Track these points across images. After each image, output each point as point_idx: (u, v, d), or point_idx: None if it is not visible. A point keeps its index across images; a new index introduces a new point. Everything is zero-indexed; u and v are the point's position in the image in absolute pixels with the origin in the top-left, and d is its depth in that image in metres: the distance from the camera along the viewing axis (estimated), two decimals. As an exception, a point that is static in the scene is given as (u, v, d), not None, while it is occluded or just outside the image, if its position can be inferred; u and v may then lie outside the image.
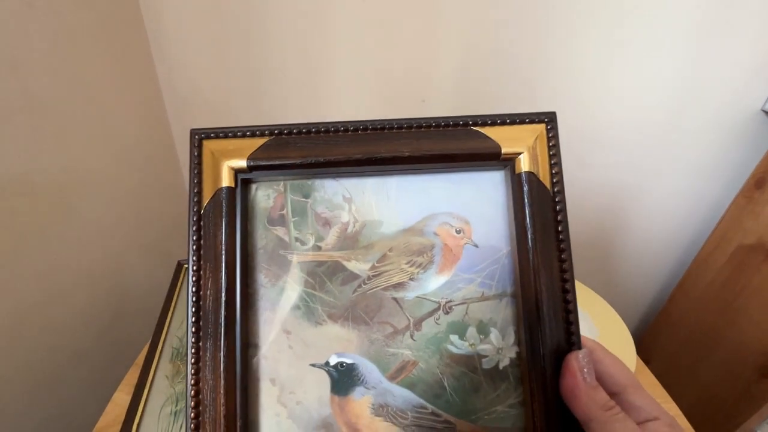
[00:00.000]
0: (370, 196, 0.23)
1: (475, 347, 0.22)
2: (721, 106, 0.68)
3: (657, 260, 0.88)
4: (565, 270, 0.22)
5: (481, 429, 0.22)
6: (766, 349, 0.68)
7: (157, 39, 0.64)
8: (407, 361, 0.22)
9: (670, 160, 0.74)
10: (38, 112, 0.49)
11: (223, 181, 0.22)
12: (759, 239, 0.70)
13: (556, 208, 0.23)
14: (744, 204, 0.72)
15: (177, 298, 0.59)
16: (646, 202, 0.80)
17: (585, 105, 0.68)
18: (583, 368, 0.20)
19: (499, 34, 0.61)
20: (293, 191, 0.23)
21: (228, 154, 0.22)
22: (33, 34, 0.48)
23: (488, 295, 0.23)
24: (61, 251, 0.54)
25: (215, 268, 0.22)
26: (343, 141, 0.23)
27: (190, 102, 0.70)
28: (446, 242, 0.23)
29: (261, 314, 0.22)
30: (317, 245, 0.23)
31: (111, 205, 0.62)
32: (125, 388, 0.49)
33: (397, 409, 0.22)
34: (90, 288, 0.60)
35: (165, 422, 0.43)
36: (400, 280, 0.23)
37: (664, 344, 0.90)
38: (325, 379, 0.22)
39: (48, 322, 0.54)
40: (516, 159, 0.23)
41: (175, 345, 0.52)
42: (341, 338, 0.22)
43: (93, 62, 0.56)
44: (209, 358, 0.21)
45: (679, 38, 0.63)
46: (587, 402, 0.19)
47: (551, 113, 0.24)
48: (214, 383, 0.21)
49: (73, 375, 0.58)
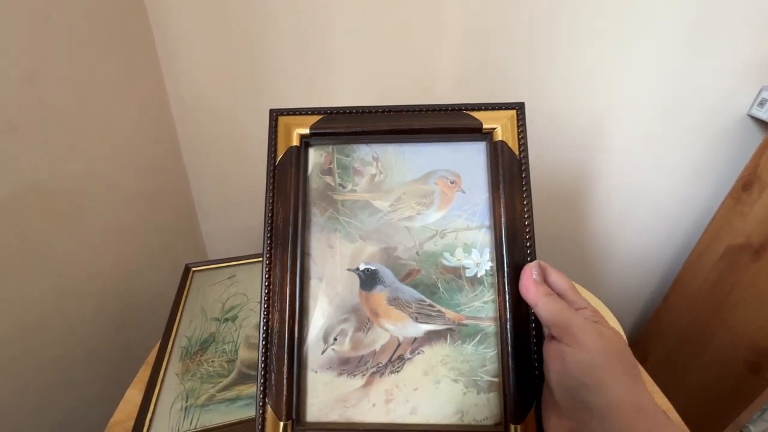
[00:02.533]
0: (391, 156, 0.34)
1: (461, 261, 0.32)
2: (708, 111, 0.71)
3: (651, 261, 0.90)
4: (526, 211, 0.31)
5: (463, 316, 0.31)
6: (756, 345, 0.70)
7: (165, 51, 0.67)
8: (413, 269, 0.32)
9: (660, 165, 0.78)
10: (53, 122, 0.51)
11: (293, 142, 0.33)
12: (747, 239, 0.72)
13: (521, 167, 0.32)
14: (732, 205, 0.75)
15: (185, 299, 0.60)
16: (639, 206, 0.83)
17: (578, 112, 0.73)
18: (533, 270, 0.29)
19: (498, 36, 0.66)
20: (338, 152, 0.34)
21: (296, 124, 0.33)
22: (49, 48, 0.49)
23: (471, 227, 0.32)
24: (73, 255, 0.56)
25: (285, 200, 0.32)
26: (374, 118, 0.33)
27: (196, 110, 0.73)
28: (443, 190, 0.33)
29: (313, 234, 0.33)
30: (353, 189, 0.33)
31: (121, 210, 0.64)
32: (137, 386, 0.51)
33: (405, 301, 0.31)
34: (101, 290, 0.61)
35: (176, 418, 0.45)
36: (410, 214, 0.33)
37: (658, 344, 0.91)
38: (355, 279, 0.32)
39: (61, 323, 0.55)
40: (493, 132, 0.32)
41: (184, 344, 0.54)
42: (368, 252, 0.32)
43: (104, 73, 0.58)
44: (278, 260, 0.32)
45: (667, 46, 0.66)
46: (535, 292, 0.28)
47: (521, 103, 0.33)
48: (281, 277, 0.31)
49: (86, 374, 0.60)
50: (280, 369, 0.30)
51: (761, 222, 0.70)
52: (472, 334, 0.31)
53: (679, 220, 0.84)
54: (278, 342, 0.30)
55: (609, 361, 0.24)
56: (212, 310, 0.59)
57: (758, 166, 0.70)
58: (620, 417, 0.23)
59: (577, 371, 0.24)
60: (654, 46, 0.66)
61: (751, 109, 0.71)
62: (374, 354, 0.31)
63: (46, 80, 0.49)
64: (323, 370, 0.31)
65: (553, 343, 0.27)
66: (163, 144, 0.74)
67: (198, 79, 0.70)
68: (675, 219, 0.84)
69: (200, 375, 0.50)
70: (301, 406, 0.30)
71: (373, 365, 0.31)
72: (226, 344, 0.54)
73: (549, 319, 0.27)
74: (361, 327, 0.31)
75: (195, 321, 0.57)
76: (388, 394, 0.30)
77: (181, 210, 0.82)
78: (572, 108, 0.73)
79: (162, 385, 0.49)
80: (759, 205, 0.70)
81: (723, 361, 0.76)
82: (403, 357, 0.31)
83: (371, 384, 0.31)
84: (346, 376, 0.31)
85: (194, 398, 0.47)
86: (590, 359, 0.24)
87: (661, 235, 0.87)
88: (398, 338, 0.31)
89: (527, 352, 0.29)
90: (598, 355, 0.24)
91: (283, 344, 0.30)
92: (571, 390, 0.25)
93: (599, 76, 0.69)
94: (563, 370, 0.25)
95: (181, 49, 0.67)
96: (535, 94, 0.70)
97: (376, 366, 0.31)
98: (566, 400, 0.25)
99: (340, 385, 0.31)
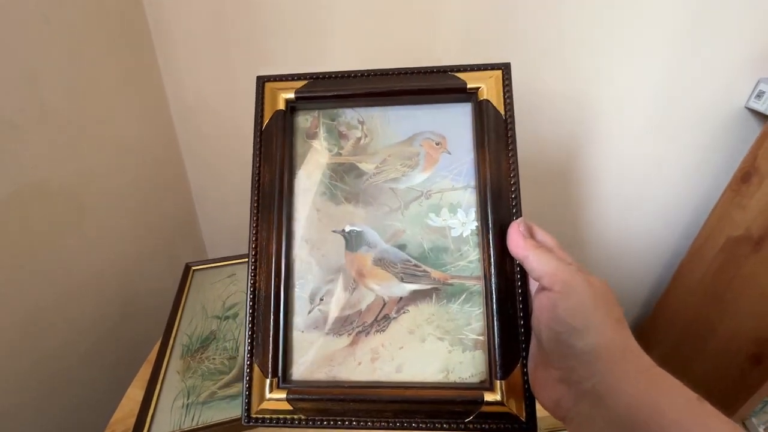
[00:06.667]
0: (376, 120, 0.34)
1: (446, 222, 0.32)
2: (707, 104, 0.72)
3: (651, 255, 0.90)
4: (512, 170, 0.31)
5: (449, 276, 0.31)
6: (758, 337, 0.70)
7: (164, 50, 0.68)
8: (398, 229, 0.32)
9: (661, 159, 0.77)
10: (54, 122, 0.51)
11: (279, 106, 0.33)
12: (746, 230, 0.72)
13: (506, 127, 0.32)
14: (732, 197, 0.75)
15: (186, 298, 0.61)
16: (639, 200, 0.83)
17: (576, 107, 0.72)
18: (520, 225, 0.29)
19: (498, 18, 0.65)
20: (324, 116, 0.34)
21: (282, 90, 0.34)
22: (50, 49, 0.49)
23: (456, 187, 0.32)
24: (73, 254, 0.56)
25: (271, 164, 0.33)
26: (357, 81, 0.33)
27: (195, 111, 0.74)
28: (428, 151, 0.33)
29: (299, 196, 0.33)
30: (339, 152, 0.34)
31: (121, 209, 0.64)
32: (139, 384, 0.51)
33: (390, 261, 0.31)
34: (101, 289, 0.61)
35: (177, 414, 0.45)
36: (395, 175, 0.33)
37: (661, 337, 0.91)
38: (341, 240, 0.32)
39: (61, 323, 0.55)
40: (478, 91, 0.32)
41: (185, 342, 0.54)
42: (353, 214, 0.32)
43: (103, 73, 0.58)
44: (265, 222, 0.32)
45: (666, 40, 0.66)
46: (524, 245, 0.28)
47: (506, 63, 0.33)
48: (268, 238, 0.32)
49: (87, 373, 0.60)
50: (267, 328, 0.30)
51: (760, 213, 0.70)
52: (458, 293, 0.31)
53: (679, 212, 0.84)
54: (265, 302, 0.31)
55: (597, 306, 0.25)
56: (213, 308, 0.60)
57: (756, 158, 0.70)
58: (607, 359, 0.24)
59: (568, 317, 0.25)
60: (653, 41, 0.66)
61: (749, 102, 0.71)
62: (360, 314, 0.31)
63: (46, 80, 0.49)
64: (309, 329, 0.31)
65: (543, 293, 0.26)
66: (163, 143, 0.74)
67: (197, 79, 0.71)
68: (675, 212, 0.84)
69: (201, 372, 0.50)
70: (288, 364, 0.31)
71: (359, 325, 0.31)
72: (227, 342, 0.54)
73: (540, 269, 0.27)
74: (346, 287, 0.32)
75: (196, 319, 0.58)
76: (373, 353, 0.31)
77: (181, 209, 0.82)
78: (570, 103, 0.73)
79: (163, 382, 0.49)
80: (758, 197, 0.70)
81: (725, 354, 0.76)
82: (389, 316, 0.31)
83: (357, 343, 0.31)
84: (332, 335, 0.31)
85: (195, 395, 0.48)
86: (580, 304, 0.25)
87: (662, 228, 0.86)
88: (384, 298, 0.31)
89: (513, 309, 0.29)
90: (588, 300, 0.25)
91: (269, 304, 0.31)
92: (561, 336, 0.25)
93: (598, 69, 0.69)
94: (554, 317, 0.25)
95: (180, 48, 0.68)
96: (533, 77, 0.70)
97: (362, 325, 0.31)
98: (554, 347, 0.25)
99: (326, 344, 0.31)
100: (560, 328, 0.25)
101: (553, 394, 0.26)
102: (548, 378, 0.26)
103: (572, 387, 0.25)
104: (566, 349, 0.25)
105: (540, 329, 0.26)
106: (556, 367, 0.26)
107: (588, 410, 0.24)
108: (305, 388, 0.30)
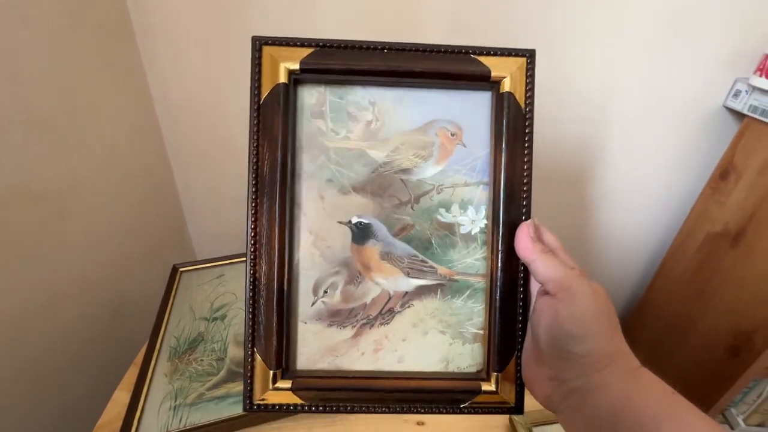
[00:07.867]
0: (389, 103, 0.31)
1: (456, 218, 0.31)
2: (686, 103, 0.73)
3: (634, 251, 0.93)
4: (526, 168, 0.30)
5: (455, 272, 0.31)
6: (736, 329, 0.73)
7: (149, 51, 0.67)
8: (407, 224, 0.31)
9: (641, 157, 0.79)
10: (36, 123, 0.50)
11: (280, 78, 0.29)
12: (725, 227, 0.74)
13: (525, 123, 0.30)
14: (710, 194, 0.77)
15: (173, 300, 0.60)
16: (620, 197, 0.85)
17: (559, 106, 0.71)
18: (530, 228, 0.29)
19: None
20: (331, 93, 0.31)
21: (283, 58, 0.29)
22: (30, 49, 0.48)
23: (470, 183, 0.31)
24: (59, 257, 0.56)
25: (271, 145, 0.29)
26: (373, 56, 0.30)
27: (181, 110, 0.73)
28: (443, 142, 0.31)
29: (304, 183, 0.31)
30: (347, 136, 0.31)
31: (107, 212, 0.63)
32: (125, 386, 0.50)
33: (398, 256, 0.31)
34: (88, 292, 0.61)
35: (165, 417, 0.45)
36: (407, 166, 0.31)
37: (644, 332, 0.94)
38: (347, 232, 0.31)
39: (48, 326, 0.55)
40: (501, 82, 0.30)
41: (173, 344, 0.54)
42: (361, 204, 0.31)
43: (87, 74, 0.57)
44: (266, 210, 0.29)
45: (645, 39, 0.66)
46: (532, 249, 0.28)
47: (532, 50, 0.31)
48: (269, 228, 0.29)
49: (73, 376, 0.59)
50: (269, 320, 0.29)
51: (738, 210, 0.72)
52: (462, 289, 0.31)
53: (661, 209, 0.87)
54: (266, 294, 0.29)
55: (597, 315, 0.26)
56: (201, 310, 0.59)
57: (734, 155, 0.72)
58: (598, 362, 0.26)
59: (569, 323, 0.26)
60: (632, 40, 0.67)
61: (727, 101, 0.73)
62: (364, 306, 0.31)
63: (28, 81, 0.48)
64: (313, 321, 0.31)
65: (546, 297, 0.27)
66: (149, 144, 0.73)
67: (183, 79, 0.69)
68: (657, 208, 0.87)
69: (189, 374, 0.50)
70: (291, 355, 0.31)
71: (363, 317, 0.31)
72: (215, 343, 0.54)
73: (545, 274, 0.27)
74: (352, 280, 0.31)
75: (183, 321, 0.57)
76: (377, 344, 0.31)
77: (168, 210, 0.81)
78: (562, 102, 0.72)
79: (150, 385, 0.48)
80: (735, 194, 0.72)
81: (705, 347, 0.79)
82: (394, 310, 0.31)
83: (360, 335, 0.31)
84: (335, 327, 0.31)
85: (183, 397, 0.47)
86: (582, 312, 0.26)
87: (644, 224, 0.89)
88: (389, 292, 0.31)
89: (513, 306, 0.30)
90: (590, 309, 0.26)
91: (271, 296, 0.29)
92: (559, 340, 0.26)
93: (576, 68, 0.69)
94: (554, 322, 0.26)
95: (166, 48, 0.67)
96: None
97: (366, 318, 0.31)
98: (550, 349, 0.27)
99: (329, 335, 0.31)
100: (559, 333, 0.26)
101: (544, 389, 0.28)
102: (540, 374, 0.29)
103: (562, 384, 0.27)
104: (562, 352, 0.27)
105: (539, 330, 0.28)
106: (549, 366, 0.28)
107: (575, 404, 0.27)
108: (309, 378, 0.30)
